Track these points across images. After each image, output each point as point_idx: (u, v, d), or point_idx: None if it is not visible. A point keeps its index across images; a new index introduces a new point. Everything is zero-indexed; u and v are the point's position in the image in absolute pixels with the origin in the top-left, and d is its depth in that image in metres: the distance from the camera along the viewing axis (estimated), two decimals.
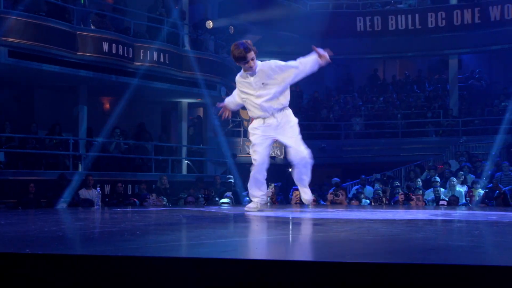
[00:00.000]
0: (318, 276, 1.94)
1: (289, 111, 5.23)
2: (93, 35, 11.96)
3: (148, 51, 12.85)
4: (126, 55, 12.44)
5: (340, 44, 18.55)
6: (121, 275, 2.08)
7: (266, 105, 5.05)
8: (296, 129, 5.25)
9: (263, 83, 5.04)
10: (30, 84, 12.99)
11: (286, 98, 5.18)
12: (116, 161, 12.93)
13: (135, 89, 12.55)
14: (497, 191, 9.74)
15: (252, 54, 4.93)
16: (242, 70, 5.14)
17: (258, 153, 5.20)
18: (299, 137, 5.25)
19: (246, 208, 5.47)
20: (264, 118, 5.14)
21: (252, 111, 5.18)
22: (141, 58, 12.75)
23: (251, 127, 5.28)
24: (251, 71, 5.00)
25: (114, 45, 12.14)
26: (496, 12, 17.19)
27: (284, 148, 16.78)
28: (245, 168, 16.63)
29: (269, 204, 10.66)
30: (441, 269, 1.90)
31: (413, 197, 9.78)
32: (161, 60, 13.17)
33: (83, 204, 9.57)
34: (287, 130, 5.17)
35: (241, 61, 4.96)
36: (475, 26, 17.46)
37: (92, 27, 12.28)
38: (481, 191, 10.96)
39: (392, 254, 2.34)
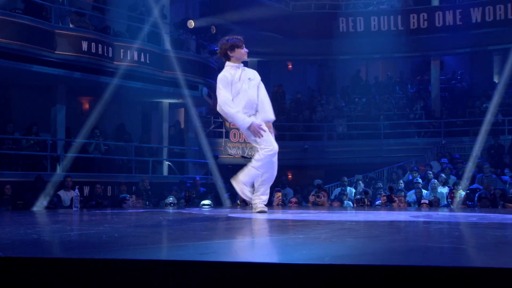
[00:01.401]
0: (298, 279, 1.94)
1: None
2: (72, 33, 11.85)
3: (128, 51, 12.76)
4: (105, 54, 12.34)
5: (322, 45, 18.67)
6: (98, 278, 2.05)
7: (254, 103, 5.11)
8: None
9: (249, 78, 5.07)
10: (7, 84, 12.82)
11: None
12: (95, 162, 12.83)
13: (115, 89, 12.45)
14: (486, 192, 9.85)
15: None
16: (227, 66, 5.11)
17: (272, 141, 5.08)
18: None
19: (259, 210, 5.21)
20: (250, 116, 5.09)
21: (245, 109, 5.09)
22: (121, 57, 12.66)
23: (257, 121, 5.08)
24: (244, 59, 5.11)
25: (93, 44, 12.03)
26: (477, 14, 17.43)
27: None
28: (226, 169, 16.65)
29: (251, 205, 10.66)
30: (421, 271, 1.91)
31: (395, 198, 9.85)
32: (142, 59, 13.10)
33: (61, 206, 9.47)
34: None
35: (239, 47, 5.03)
36: (457, 27, 17.68)
37: (71, 25, 12.17)
38: (462, 193, 11.08)
39: (373, 255, 2.35)
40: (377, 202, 10.51)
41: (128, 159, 13.61)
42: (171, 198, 9.99)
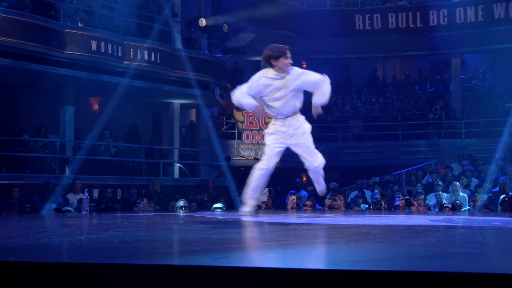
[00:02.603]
0: (315, 284, 1.94)
1: (302, 117, 5.35)
2: (81, 32, 11.92)
3: (139, 50, 12.81)
4: (115, 54, 12.40)
5: (338, 43, 18.62)
6: (109, 283, 2.06)
7: (283, 108, 5.20)
8: (309, 138, 5.38)
9: (287, 87, 5.14)
10: (14, 84, 12.93)
11: (300, 101, 5.30)
12: (105, 165, 12.88)
13: (124, 89, 12.48)
14: (504, 195, 9.75)
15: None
16: (269, 69, 5.19)
17: (268, 158, 5.35)
18: (312, 146, 5.41)
19: (240, 212, 5.58)
20: (277, 119, 5.26)
21: (267, 110, 5.30)
22: (131, 57, 12.71)
23: (266, 132, 5.42)
24: (287, 70, 5.12)
25: (103, 44, 12.10)
26: (501, 9, 17.27)
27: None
28: (239, 171, 16.64)
29: (266, 208, 10.67)
30: (442, 277, 1.90)
31: (414, 202, 9.79)
32: (152, 59, 13.14)
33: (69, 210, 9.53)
34: (300, 140, 5.32)
35: (283, 56, 5.10)
36: (479, 24, 17.52)
37: (80, 24, 12.25)
38: (485, 196, 10.98)
39: (391, 261, 2.34)
40: (395, 204, 10.46)
41: (138, 161, 13.66)
42: (181, 202, 10.02)
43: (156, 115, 16.48)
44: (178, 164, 14.97)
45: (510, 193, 9.89)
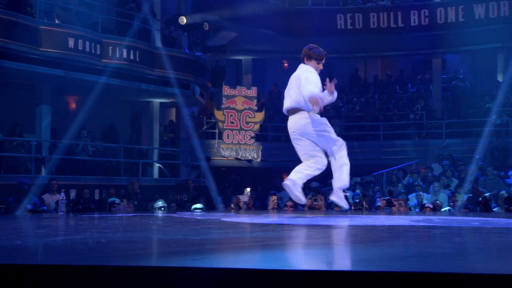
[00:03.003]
0: (293, 285, 1.94)
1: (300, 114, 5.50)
2: (58, 30, 11.79)
3: (117, 48, 12.72)
4: (93, 51, 12.30)
5: (319, 43, 18.46)
6: (83, 285, 2.05)
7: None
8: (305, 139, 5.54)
9: None
10: None
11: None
12: (82, 165, 12.77)
13: (103, 88, 12.39)
14: (485, 196, 9.89)
15: None
16: (308, 66, 5.74)
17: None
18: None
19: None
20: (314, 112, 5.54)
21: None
22: (110, 55, 12.62)
23: (325, 121, 5.68)
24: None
25: (80, 41, 11.99)
26: (481, 10, 17.50)
27: (261, 151, 16.83)
28: (220, 171, 16.64)
29: (247, 208, 10.67)
30: (421, 277, 1.92)
31: (395, 202, 9.87)
32: (131, 57, 13.06)
33: (45, 210, 9.43)
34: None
35: (317, 60, 5.83)
36: (459, 24, 17.73)
37: (57, 21, 12.11)
38: (465, 196, 11.12)
39: (370, 261, 2.35)
40: (376, 205, 10.54)
41: (117, 161, 13.57)
42: (160, 202, 9.97)
43: (135, 114, 16.38)
44: (157, 164, 14.90)
45: (484, 194, 10.03)
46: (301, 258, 2.49)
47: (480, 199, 9.50)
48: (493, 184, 12.80)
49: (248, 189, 12.59)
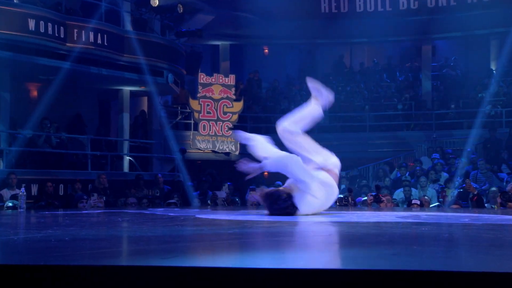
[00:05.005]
0: (270, 284, 1.95)
1: None
2: (17, 10, 11.63)
3: (83, 31, 12.60)
4: (57, 34, 12.16)
5: (302, 27, 18.71)
6: (43, 286, 2.03)
7: None
8: None
9: None
10: None
11: None
12: (45, 157, 12.66)
13: (67, 74, 12.30)
14: (471, 192, 10.02)
15: None
16: None
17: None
18: None
19: None
20: None
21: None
22: (75, 38, 12.50)
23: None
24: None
25: (42, 23, 11.83)
26: None
27: (239, 143, 16.82)
28: (195, 165, 16.61)
29: (224, 204, 10.69)
30: (405, 276, 1.94)
31: (383, 198, 9.96)
32: (99, 41, 12.95)
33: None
34: None
35: None
36: (450, 8, 17.88)
37: (15, 1, 11.95)
38: (455, 191, 11.26)
39: (352, 259, 2.37)
40: (360, 200, 10.62)
41: (83, 153, 13.47)
42: (131, 198, 9.93)
43: (103, 103, 16.26)
44: (128, 157, 14.83)
45: (476, 190, 10.16)
46: (280, 256, 2.50)
47: (471, 195, 9.61)
48: (485, 179, 12.98)
49: (227, 184, 12.61)
